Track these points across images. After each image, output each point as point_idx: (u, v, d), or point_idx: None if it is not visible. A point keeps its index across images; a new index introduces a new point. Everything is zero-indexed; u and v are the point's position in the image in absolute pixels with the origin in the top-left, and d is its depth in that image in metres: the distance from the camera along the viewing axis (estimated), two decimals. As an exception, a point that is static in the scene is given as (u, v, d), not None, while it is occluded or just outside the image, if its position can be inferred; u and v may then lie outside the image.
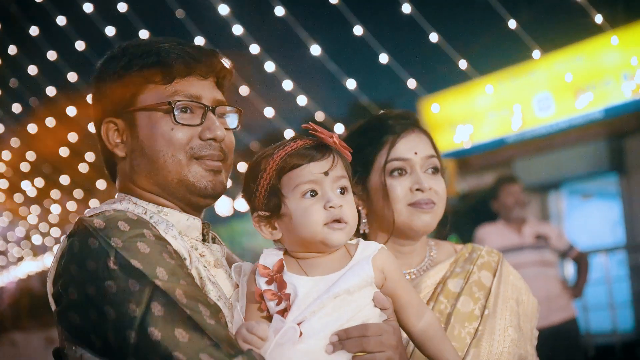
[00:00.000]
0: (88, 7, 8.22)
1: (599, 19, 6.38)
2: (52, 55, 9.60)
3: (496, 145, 12.98)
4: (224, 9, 7.60)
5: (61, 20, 8.92)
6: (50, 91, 10.14)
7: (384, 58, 7.44)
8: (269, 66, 7.95)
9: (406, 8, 6.99)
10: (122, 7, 8.17)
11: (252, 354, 1.66)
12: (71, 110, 9.99)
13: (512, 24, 6.61)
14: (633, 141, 11.86)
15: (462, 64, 7.33)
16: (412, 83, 7.84)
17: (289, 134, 8.66)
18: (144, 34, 7.99)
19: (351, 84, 7.75)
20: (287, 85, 8.12)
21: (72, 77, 9.74)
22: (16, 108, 10.99)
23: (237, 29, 7.76)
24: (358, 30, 7.28)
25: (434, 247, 2.38)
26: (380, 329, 1.81)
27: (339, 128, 7.88)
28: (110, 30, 8.45)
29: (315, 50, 7.66)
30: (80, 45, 9.19)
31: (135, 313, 1.65)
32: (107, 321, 1.68)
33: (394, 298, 1.89)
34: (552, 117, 12.41)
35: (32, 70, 9.88)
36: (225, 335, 1.69)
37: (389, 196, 2.22)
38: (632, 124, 11.64)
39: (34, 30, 9.36)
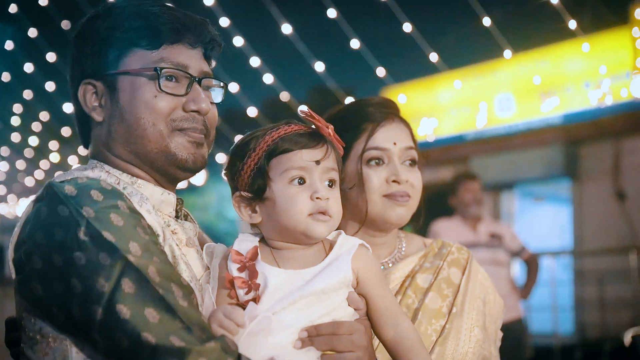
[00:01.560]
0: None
1: (572, 24, 6.41)
2: (12, 8, 9.31)
3: (455, 141, 13.08)
4: (196, -21, 7.46)
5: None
6: (9, 45, 9.85)
7: (355, 43, 7.37)
8: (238, 41, 7.82)
9: (382, -5, 6.93)
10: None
11: (225, 340, 1.59)
12: (28, 67, 9.72)
13: (487, 21, 6.60)
14: (588, 148, 12.05)
15: (433, 57, 7.30)
16: (381, 71, 7.80)
17: (252, 111, 8.56)
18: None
19: (319, 66, 7.66)
20: (254, 61, 8.01)
21: (32, 32, 9.47)
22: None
23: (208, 0, 7.61)
24: (332, 12, 7.19)
25: (404, 240, 2.33)
26: (351, 328, 1.76)
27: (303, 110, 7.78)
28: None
29: (286, 29, 7.55)
30: (43, 1, 8.92)
31: (104, 288, 1.56)
32: (73, 295, 1.58)
33: (368, 301, 1.84)
34: (512, 118, 12.55)
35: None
36: (198, 318, 1.61)
37: (364, 185, 2.16)
38: (589, 132, 11.82)
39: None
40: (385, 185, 2.16)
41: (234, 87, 8.24)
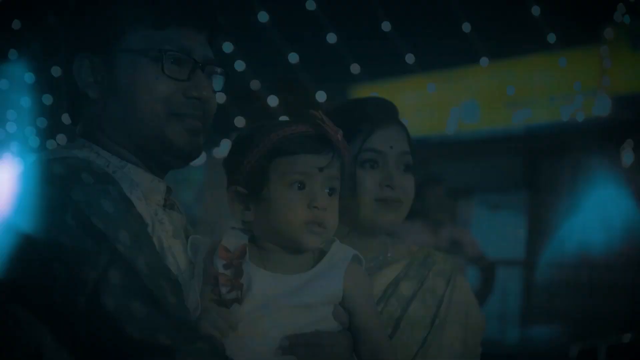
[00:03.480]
0: None
1: (550, 38, 6.45)
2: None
3: (417, 144, 13.10)
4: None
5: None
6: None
7: (331, 37, 7.31)
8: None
9: (363, -8, 6.90)
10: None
11: (214, 341, 1.51)
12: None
13: (467, 27, 6.60)
14: (548, 162, 12.19)
15: (410, 58, 7.28)
16: (355, 68, 7.76)
17: (219, 97, 8.42)
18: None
19: (293, 57, 7.58)
20: (227, 47, 7.90)
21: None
22: None
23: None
24: (311, 5, 7.11)
25: (390, 245, 2.28)
26: (334, 340, 1.70)
27: (273, 100, 7.71)
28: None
29: (263, 17, 7.46)
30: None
31: (89, 277, 1.46)
32: (54, 281, 1.48)
33: (351, 317, 1.77)
34: (475, 125, 12.63)
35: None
36: (186, 315, 1.53)
37: (356, 188, 2.10)
38: (550, 145, 11.96)
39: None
40: (377, 189, 2.10)
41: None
